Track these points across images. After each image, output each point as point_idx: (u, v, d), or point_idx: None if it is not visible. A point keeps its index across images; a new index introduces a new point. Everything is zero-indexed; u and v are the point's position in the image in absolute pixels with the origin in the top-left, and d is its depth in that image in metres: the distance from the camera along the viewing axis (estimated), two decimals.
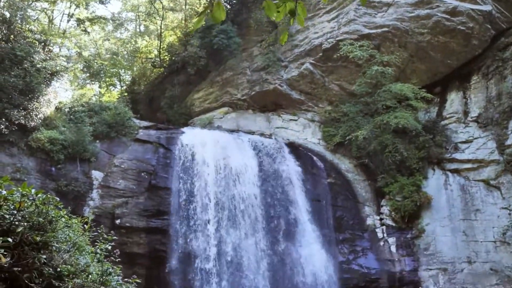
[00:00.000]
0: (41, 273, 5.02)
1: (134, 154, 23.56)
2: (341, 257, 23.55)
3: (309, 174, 25.56)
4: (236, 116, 29.42)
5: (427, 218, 23.92)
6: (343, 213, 25.01)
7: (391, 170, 24.87)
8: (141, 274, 20.43)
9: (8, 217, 4.81)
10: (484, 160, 24.04)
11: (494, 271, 22.40)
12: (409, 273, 23.13)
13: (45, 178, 21.16)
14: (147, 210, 22.08)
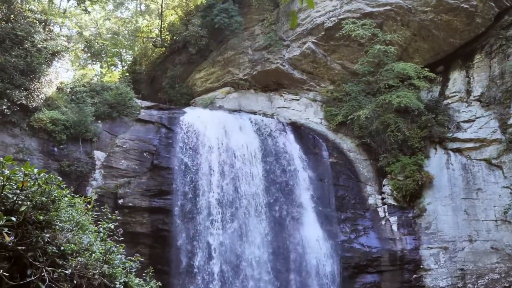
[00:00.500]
0: (45, 252, 5.07)
1: (136, 134, 23.59)
2: (342, 236, 23.70)
3: (311, 153, 25.60)
4: (238, 96, 29.37)
5: (429, 197, 23.99)
6: (345, 192, 25.10)
7: (393, 150, 24.87)
8: (145, 253, 20.63)
9: (11, 197, 4.84)
10: (486, 139, 24.01)
11: (494, 249, 22.54)
12: (410, 251, 23.29)
13: (48, 159, 21.23)
14: (149, 190, 22.19)
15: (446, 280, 22.53)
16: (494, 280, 22.13)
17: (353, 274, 23.03)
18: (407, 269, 23.13)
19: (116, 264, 6.20)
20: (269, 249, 22.28)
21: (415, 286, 22.80)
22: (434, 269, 22.83)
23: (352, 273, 23.01)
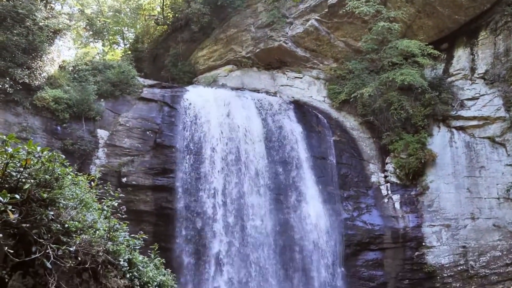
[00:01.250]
0: (49, 229, 5.11)
1: (139, 113, 23.57)
2: (345, 214, 23.81)
3: (314, 132, 25.58)
4: (240, 74, 29.24)
5: (432, 175, 24.01)
6: (347, 170, 25.14)
7: (396, 128, 24.82)
8: (148, 231, 20.79)
9: (15, 175, 4.86)
10: (490, 117, 23.91)
11: (497, 227, 22.63)
12: (413, 229, 23.40)
13: (51, 137, 21.27)
14: (153, 168, 22.26)
15: (448, 258, 22.69)
16: (496, 257, 22.27)
17: (356, 251, 23.21)
18: (409, 246, 23.27)
19: (120, 241, 6.25)
20: (272, 227, 22.41)
21: (417, 263, 22.98)
22: (436, 247, 22.97)
23: (355, 251, 23.19)
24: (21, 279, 5.05)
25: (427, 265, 22.73)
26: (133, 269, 6.46)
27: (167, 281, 7.26)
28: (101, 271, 5.76)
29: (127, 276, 6.28)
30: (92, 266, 5.55)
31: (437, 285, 22.61)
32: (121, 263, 6.09)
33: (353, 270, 23.02)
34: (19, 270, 5.04)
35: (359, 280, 22.95)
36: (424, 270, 22.72)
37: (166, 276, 7.38)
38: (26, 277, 5.09)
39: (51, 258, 4.90)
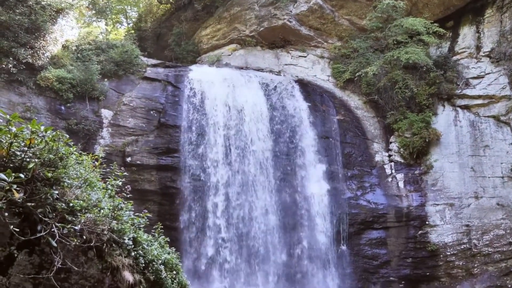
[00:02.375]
0: (54, 208, 5.15)
1: (143, 92, 23.54)
2: (349, 193, 23.88)
3: (318, 111, 25.51)
4: (244, 53, 29.07)
5: (436, 154, 24.00)
6: (351, 149, 25.13)
7: (401, 107, 24.73)
8: (153, 210, 20.97)
9: (19, 154, 4.88)
10: (495, 96, 23.80)
11: (500, 206, 22.68)
12: (416, 208, 23.47)
13: (55, 117, 21.29)
14: (157, 148, 22.31)
15: (451, 236, 22.79)
16: (499, 236, 22.36)
17: (359, 230, 23.32)
18: (412, 225, 23.36)
19: (124, 220, 6.30)
20: (276, 205, 22.51)
21: (420, 242, 23.09)
22: (439, 225, 23.06)
23: (358, 229, 23.30)
24: (27, 257, 5.12)
25: (430, 244, 22.84)
26: (138, 247, 6.52)
27: (172, 259, 7.33)
28: (106, 249, 5.81)
29: (132, 254, 6.34)
30: (97, 245, 5.60)
31: (440, 263, 22.76)
32: (126, 241, 6.14)
33: (356, 249, 23.16)
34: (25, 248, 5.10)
35: (363, 259, 23.11)
36: (427, 249, 22.84)
37: (170, 254, 7.45)
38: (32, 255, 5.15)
39: (56, 237, 4.95)
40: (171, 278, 7.03)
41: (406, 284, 22.93)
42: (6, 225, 4.58)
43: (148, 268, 6.55)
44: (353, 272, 22.87)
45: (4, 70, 19.91)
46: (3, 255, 4.89)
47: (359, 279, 22.89)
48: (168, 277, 6.88)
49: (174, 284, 7.11)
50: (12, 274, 5.02)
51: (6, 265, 4.98)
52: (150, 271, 6.54)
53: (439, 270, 22.78)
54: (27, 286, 5.14)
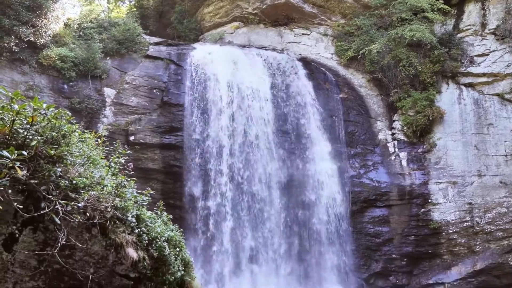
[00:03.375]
0: (58, 186, 5.18)
1: (145, 71, 23.45)
2: (352, 171, 23.91)
3: (322, 89, 25.41)
4: (247, 31, 28.84)
5: (439, 132, 23.96)
6: (355, 128, 25.09)
7: (405, 85, 24.62)
8: (157, 189, 21.03)
9: (21, 132, 4.90)
10: (500, 74, 23.66)
11: (503, 184, 22.72)
12: (419, 186, 23.52)
13: (58, 96, 21.28)
14: (160, 127, 22.31)
15: (454, 214, 22.88)
16: (502, 213, 22.44)
17: (362, 208, 23.43)
18: (415, 203, 23.45)
19: (127, 197, 6.32)
20: (278, 183, 22.58)
21: (422, 220, 23.20)
22: (442, 203, 23.14)
23: (361, 208, 23.40)
24: (31, 234, 5.17)
25: (433, 222, 22.95)
26: (141, 224, 6.55)
27: (175, 236, 7.38)
28: (110, 226, 5.86)
29: (135, 231, 6.38)
30: (100, 222, 5.65)
31: (442, 241, 22.90)
32: (129, 218, 6.18)
33: (359, 227, 23.30)
34: (30, 225, 5.14)
35: (365, 236, 23.25)
36: (430, 227, 22.96)
37: (174, 231, 7.50)
38: (36, 232, 5.20)
39: (60, 214, 4.98)
40: (174, 254, 7.09)
41: (408, 261, 23.11)
42: (10, 202, 4.62)
43: (152, 245, 6.60)
44: (356, 249, 23.04)
45: (6, 49, 19.84)
46: (8, 232, 4.94)
47: (362, 257, 23.08)
48: (171, 254, 6.94)
49: (178, 260, 7.17)
50: (17, 251, 5.07)
51: (11, 242, 5.03)
52: (153, 248, 6.59)
53: (441, 248, 22.93)
54: (32, 262, 5.20)
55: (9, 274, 5.07)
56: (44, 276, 5.34)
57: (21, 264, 5.14)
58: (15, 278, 5.12)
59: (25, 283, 5.20)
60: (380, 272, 23.08)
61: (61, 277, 5.49)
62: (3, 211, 4.65)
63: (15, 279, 5.12)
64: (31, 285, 5.25)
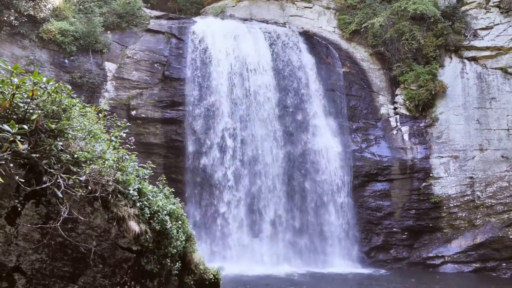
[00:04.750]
0: (59, 160, 5.19)
1: (146, 45, 23.31)
2: (354, 145, 23.93)
3: (324, 63, 25.26)
4: (249, 4, 28.54)
5: (442, 107, 23.88)
6: (357, 102, 25.02)
7: (407, 59, 24.45)
8: (159, 163, 21.15)
9: (22, 106, 4.88)
10: (503, 48, 23.46)
11: (505, 158, 22.73)
12: (421, 160, 23.56)
13: (59, 70, 21.20)
14: (162, 101, 22.28)
15: (455, 188, 22.95)
16: (503, 188, 22.50)
17: (364, 182, 23.52)
18: (416, 177, 23.51)
19: (129, 171, 6.34)
20: (280, 157, 22.63)
21: (424, 194, 23.30)
22: (443, 178, 23.20)
23: (363, 182, 23.49)
24: (34, 208, 5.20)
25: (434, 196, 23.05)
26: (143, 198, 6.58)
27: (177, 209, 7.41)
28: (112, 200, 5.88)
29: (137, 205, 6.41)
30: (102, 195, 5.67)
31: (443, 215, 23.03)
32: (131, 192, 6.20)
33: (360, 201, 23.43)
34: (32, 199, 5.18)
35: (367, 210, 23.40)
36: (431, 201, 23.07)
37: (175, 205, 7.54)
38: (39, 206, 5.23)
39: (62, 187, 5.00)
40: (176, 228, 7.14)
41: (409, 235, 23.29)
42: (11, 176, 4.64)
43: (154, 218, 6.64)
44: (357, 223, 23.21)
45: (6, 23, 19.70)
46: (10, 206, 4.97)
47: (363, 230, 23.26)
48: (173, 227, 6.98)
49: (179, 234, 7.23)
50: (20, 224, 5.12)
51: (14, 216, 5.07)
52: (155, 221, 6.63)
53: (442, 222, 23.08)
54: (35, 235, 5.25)
55: (12, 247, 5.13)
56: (48, 249, 5.40)
57: (24, 237, 5.19)
58: (19, 251, 5.18)
59: (28, 256, 5.26)
60: (381, 246, 23.29)
61: (64, 250, 5.55)
62: (5, 185, 4.68)
63: (18, 252, 5.18)
64: (34, 258, 5.31)
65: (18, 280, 5.23)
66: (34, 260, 5.31)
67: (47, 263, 5.42)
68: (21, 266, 5.24)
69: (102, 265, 5.97)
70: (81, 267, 5.73)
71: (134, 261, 6.36)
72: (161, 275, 6.82)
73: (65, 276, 5.60)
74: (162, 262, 6.73)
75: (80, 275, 5.74)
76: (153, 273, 6.64)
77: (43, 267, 5.39)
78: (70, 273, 5.64)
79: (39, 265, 5.36)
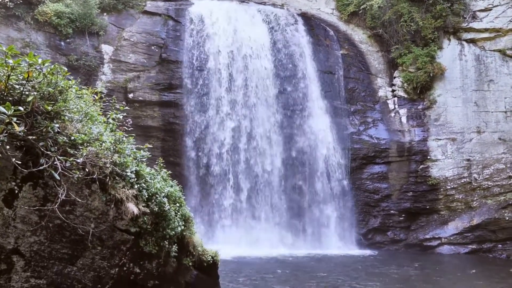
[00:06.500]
0: (56, 142, 5.17)
1: (143, 27, 23.13)
2: (352, 128, 23.93)
3: (322, 45, 25.13)
4: None
5: (440, 89, 23.85)
6: (355, 84, 24.95)
7: (406, 41, 24.36)
8: (157, 147, 21.14)
9: (17, 87, 4.85)
10: (502, 29, 23.35)
11: (502, 140, 22.77)
12: (418, 143, 23.59)
13: (55, 53, 21.06)
14: (159, 84, 22.18)
15: (452, 170, 23.03)
16: (499, 170, 22.58)
17: (361, 165, 23.57)
18: (414, 160, 23.57)
19: (126, 153, 6.33)
20: (279, 140, 22.64)
21: (421, 176, 23.38)
22: (441, 160, 23.26)
23: (360, 164, 23.54)
24: (31, 190, 5.20)
25: (431, 178, 23.13)
26: (140, 180, 6.58)
27: (175, 192, 7.42)
28: (109, 182, 5.88)
29: (135, 187, 6.41)
30: (100, 178, 5.66)
31: (440, 197, 23.14)
32: (129, 174, 6.20)
33: (358, 183, 23.50)
34: (29, 181, 5.17)
35: (364, 193, 23.49)
36: (428, 183, 23.16)
37: (173, 187, 7.54)
38: (36, 188, 5.23)
39: (59, 169, 5.00)
40: (174, 210, 7.15)
41: (406, 217, 23.42)
42: (8, 158, 4.62)
43: (152, 200, 6.64)
44: (355, 205, 23.32)
45: (0, 5, 19.50)
46: (8, 188, 4.96)
47: (360, 212, 23.38)
48: (171, 209, 6.99)
49: (178, 216, 7.24)
50: (18, 206, 5.12)
51: (11, 198, 5.07)
52: (153, 203, 6.64)
53: (439, 204, 23.20)
54: (33, 218, 5.25)
55: (10, 229, 5.13)
56: (46, 231, 5.41)
57: (22, 220, 5.19)
58: (17, 233, 5.19)
59: (26, 238, 5.27)
60: (378, 228, 23.43)
61: (63, 232, 5.56)
62: (2, 167, 4.67)
63: (16, 234, 5.19)
64: (33, 240, 5.32)
65: (16, 262, 5.25)
66: (32, 242, 5.32)
67: (46, 245, 5.44)
68: (20, 248, 5.25)
69: (100, 247, 5.99)
70: (79, 249, 5.76)
71: (133, 243, 6.39)
72: (160, 256, 6.85)
73: (63, 258, 5.62)
74: (161, 244, 6.75)
75: (78, 257, 5.77)
76: (152, 255, 6.67)
77: (42, 249, 5.41)
78: (69, 255, 5.66)
79: (38, 247, 5.38)
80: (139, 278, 6.59)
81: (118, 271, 6.22)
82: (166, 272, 7.12)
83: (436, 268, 17.85)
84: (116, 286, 6.22)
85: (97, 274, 5.98)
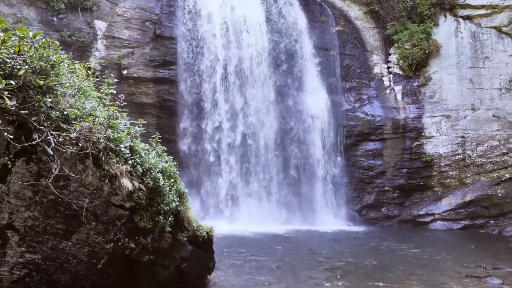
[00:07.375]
0: (49, 117, 5.14)
1: (137, 3, 22.81)
2: (347, 105, 23.90)
3: (317, 22, 24.93)
4: None
5: (435, 66, 23.80)
6: (350, 61, 24.84)
7: (402, 17, 24.21)
8: (152, 124, 21.05)
9: (8, 61, 4.79)
10: (498, 6, 23.22)
11: (496, 117, 22.84)
12: (413, 120, 23.62)
13: (48, 29, 20.78)
14: (153, 60, 21.99)
15: (446, 147, 23.12)
16: (493, 147, 22.69)
17: (356, 142, 23.61)
18: (408, 137, 23.63)
19: (120, 129, 6.31)
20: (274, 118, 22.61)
21: (415, 153, 23.46)
22: (435, 137, 23.33)
23: (355, 141, 23.58)
24: (25, 165, 5.18)
25: (426, 155, 23.23)
26: (135, 156, 6.58)
27: (170, 167, 7.44)
28: (103, 157, 5.87)
29: (129, 162, 6.42)
30: (93, 153, 5.65)
31: (434, 173, 23.26)
32: (123, 149, 6.19)
33: (353, 160, 23.58)
34: (23, 157, 5.15)
35: (359, 169, 23.58)
36: (422, 160, 23.26)
37: (168, 163, 7.55)
38: (29, 163, 5.21)
39: (52, 144, 4.97)
40: (169, 185, 7.17)
41: (400, 193, 23.56)
42: (0, 133, 4.59)
43: (146, 175, 6.66)
44: (349, 182, 23.42)
45: None
46: (1, 163, 4.94)
47: (355, 189, 23.50)
48: (166, 185, 7.01)
49: (172, 191, 7.26)
50: (11, 182, 5.11)
51: (5, 173, 5.05)
52: (148, 178, 6.65)
53: (433, 180, 23.34)
54: (27, 193, 5.25)
55: (4, 205, 5.13)
56: (40, 207, 5.42)
57: (16, 195, 5.19)
58: (11, 208, 5.19)
59: (21, 213, 5.27)
60: (372, 204, 23.58)
61: (57, 207, 5.57)
62: None
63: (10, 209, 5.19)
64: (27, 215, 5.33)
65: (11, 237, 5.26)
66: (26, 218, 5.33)
67: (40, 220, 5.45)
68: (14, 223, 5.26)
69: (95, 223, 6.01)
70: (74, 225, 5.77)
71: (127, 218, 6.41)
72: (154, 231, 6.89)
73: (58, 233, 5.64)
74: (155, 219, 6.78)
75: (73, 232, 5.79)
76: (146, 230, 6.71)
77: (36, 224, 5.42)
78: (64, 230, 5.68)
79: (32, 222, 5.39)
80: (134, 253, 6.63)
81: (113, 246, 6.26)
82: (161, 247, 7.16)
83: (434, 243, 18.01)
84: (111, 261, 6.26)
85: (92, 249, 6.01)
